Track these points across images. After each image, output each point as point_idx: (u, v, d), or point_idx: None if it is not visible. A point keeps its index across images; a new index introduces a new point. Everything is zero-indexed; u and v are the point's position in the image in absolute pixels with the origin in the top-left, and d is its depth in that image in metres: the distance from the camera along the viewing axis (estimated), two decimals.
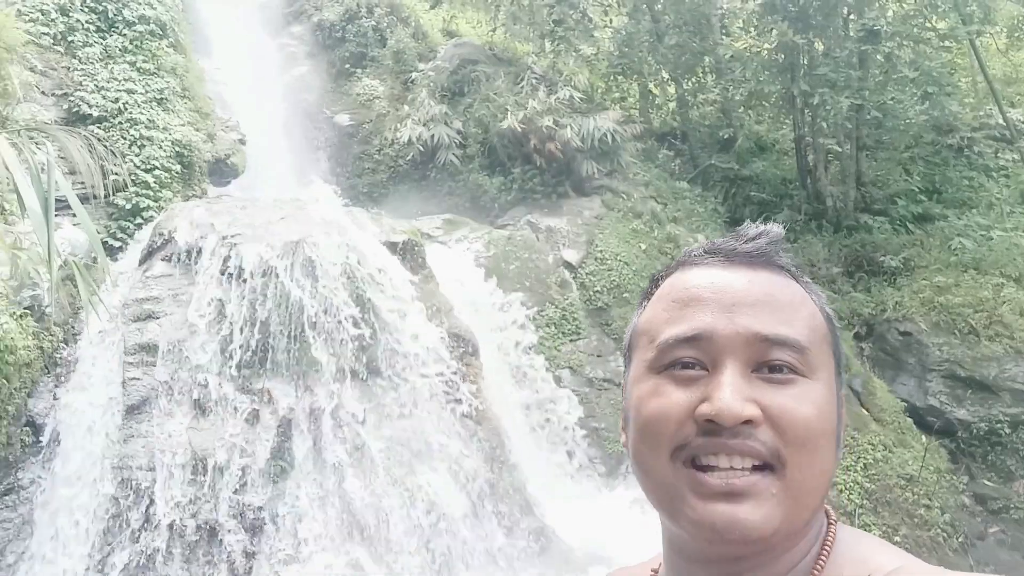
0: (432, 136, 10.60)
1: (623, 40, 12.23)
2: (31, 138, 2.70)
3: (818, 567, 0.80)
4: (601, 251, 9.80)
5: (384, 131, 11.24)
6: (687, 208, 11.25)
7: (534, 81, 10.77)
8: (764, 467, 0.77)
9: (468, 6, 14.09)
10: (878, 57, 10.45)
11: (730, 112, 12.52)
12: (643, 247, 10.10)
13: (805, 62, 10.62)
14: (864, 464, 7.83)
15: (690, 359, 0.81)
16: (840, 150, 11.10)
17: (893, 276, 10.00)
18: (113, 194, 7.56)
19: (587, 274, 9.56)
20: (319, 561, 5.60)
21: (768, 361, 0.79)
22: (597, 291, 9.41)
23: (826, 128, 10.55)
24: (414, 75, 11.54)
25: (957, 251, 9.85)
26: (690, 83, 13.06)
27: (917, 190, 10.99)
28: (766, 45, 10.30)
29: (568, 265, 9.58)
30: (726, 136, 12.28)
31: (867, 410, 8.38)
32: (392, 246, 7.29)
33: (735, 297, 0.82)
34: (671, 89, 13.40)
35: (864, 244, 10.49)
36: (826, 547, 0.82)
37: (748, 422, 0.76)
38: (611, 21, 13.23)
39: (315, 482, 5.87)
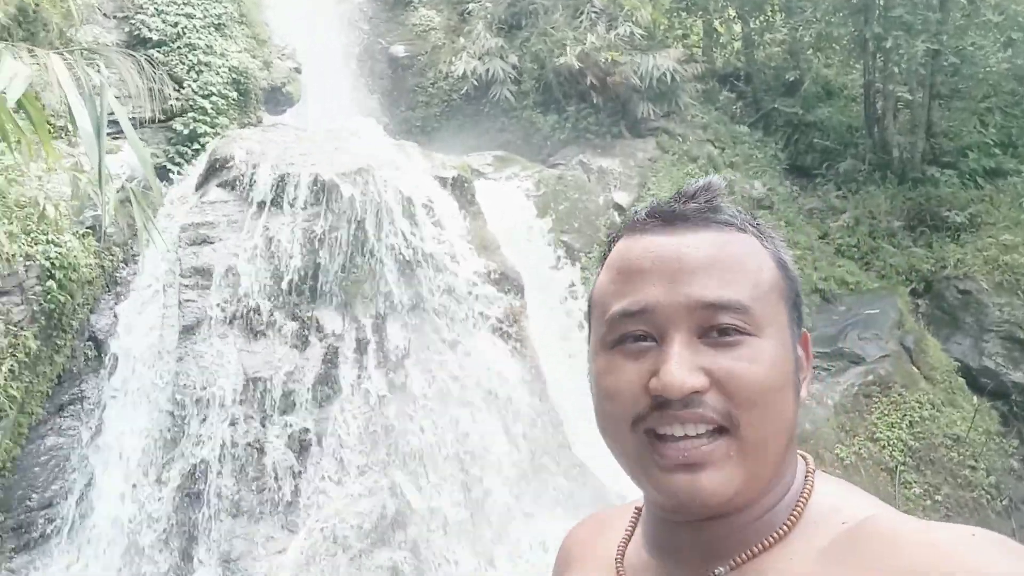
0: (487, 70, 10.43)
1: None
2: (88, 60, 2.73)
3: (793, 517, 0.81)
4: (653, 194, 9.63)
5: (439, 64, 11.09)
6: (745, 153, 10.94)
7: (594, 15, 10.45)
8: (719, 430, 0.78)
9: None
10: None
11: (798, 54, 12.01)
12: None
13: (880, 2, 10.07)
14: (910, 421, 7.71)
15: (640, 331, 0.81)
16: (911, 98, 10.59)
17: (957, 232, 9.63)
18: (171, 119, 7.68)
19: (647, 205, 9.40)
20: (361, 484, 5.81)
21: (714, 325, 0.79)
22: None
23: (898, 74, 10.06)
24: (471, 6, 11.30)
25: None
26: (757, 22, 12.53)
27: (991, 143, 10.46)
28: None
29: (618, 207, 9.45)
30: (792, 79, 11.81)
31: (917, 368, 8.21)
32: (442, 181, 7.29)
33: (676, 264, 0.81)
34: (737, 27, 12.88)
35: (929, 198, 10.10)
36: (803, 497, 0.83)
37: (697, 391, 0.77)
38: None
39: (359, 408, 6.04)
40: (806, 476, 0.86)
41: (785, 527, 0.81)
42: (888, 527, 0.74)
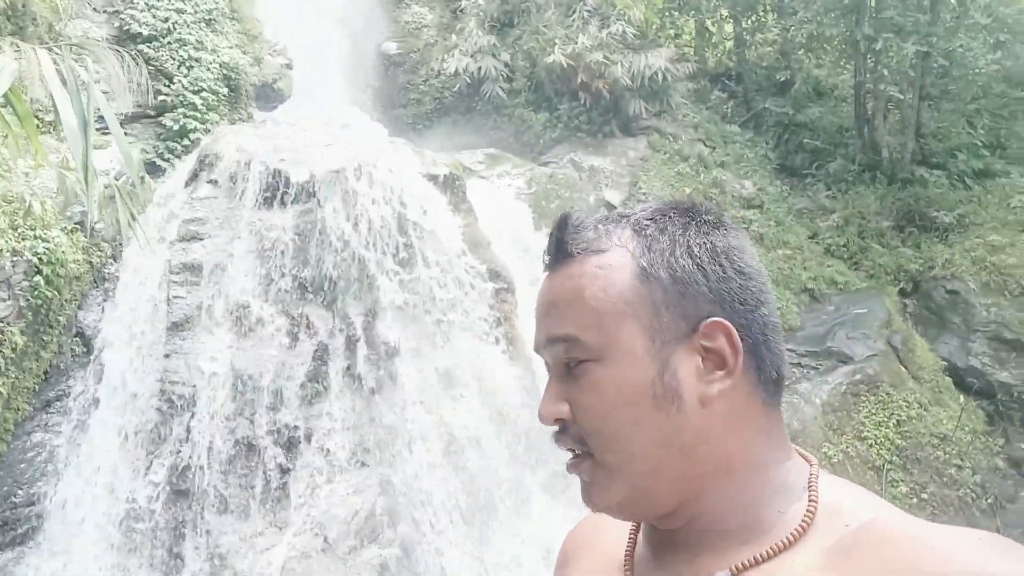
0: (479, 68, 10.43)
1: None
2: (76, 56, 2.72)
3: (805, 522, 0.80)
4: (644, 193, 9.66)
5: (431, 61, 11.08)
6: (736, 153, 10.98)
7: (586, 14, 10.46)
8: (587, 454, 0.86)
9: None
10: (950, 1, 9.91)
11: (789, 54, 12.06)
12: (688, 191, 9.93)
13: (872, 4, 10.12)
14: (897, 420, 7.76)
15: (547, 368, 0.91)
16: (901, 99, 10.64)
17: (945, 233, 9.69)
18: (161, 114, 7.64)
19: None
20: (350, 481, 5.81)
21: (565, 359, 0.87)
22: None
23: (888, 75, 10.10)
24: (463, 3, 11.28)
25: (1017, 209, 9.48)
26: (749, 21, 12.56)
27: (980, 144, 10.53)
28: None
29: (609, 206, 9.46)
30: (783, 79, 11.85)
31: (905, 367, 8.26)
32: (434, 178, 7.27)
33: (540, 307, 0.91)
34: (728, 27, 12.91)
35: (918, 198, 10.16)
36: (812, 503, 0.81)
37: (562, 419, 0.86)
38: None
39: (349, 406, 6.03)
40: (810, 479, 0.84)
41: (798, 532, 0.79)
42: (892, 529, 0.74)
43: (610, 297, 0.84)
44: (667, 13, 12.41)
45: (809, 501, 0.81)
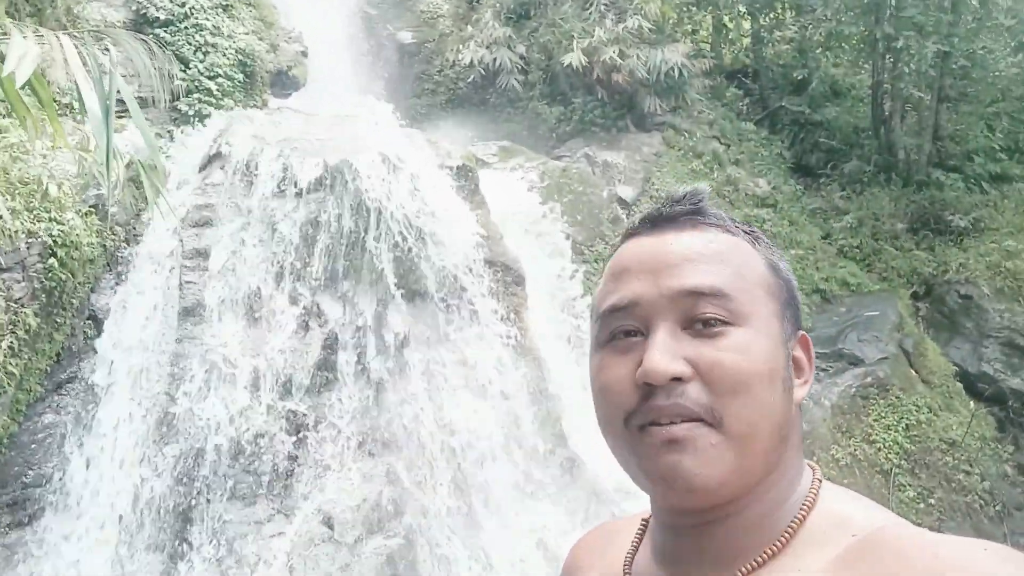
0: (494, 60, 10.39)
1: None
2: (96, 40, 2.72)
3: (795, 522, 0.81)
4: (657, 189, 9.61)
5: (446, 52, 11.05)
6: (751, 151, 10.91)
7: (603, 7, 10.39)
8: (702, 421, 0.79)
9: None
10: (972, 1, 9.80)
11: (807, 52, 11.96)
12: None
13: (892, 2, 10.02)
14: (906, 424, 7.72)
15: (628, 327, 0.84)
16: (919, 100, 10.55)
17: (960, 237, 9.62)
18: (177, 99, 7.65)
19: (641, 212, 9.42)
20: (357, 470, 5.82)
21: (697, 316, 0.81)
22: None
23: (907, 75, 10.01)
24: None
25: None
26: (767, 18, 12.48)
27: (998, 148, 10.44)
28: None
29: (622, 202, 9.43)
30: (800, 78, 11.77)
31: (916, 371, 8.21)
32: (447, 169, 7.26)
33: (659, 260, 0.85)
34: (746, 24, 12.83)
35: (933, 201, 10.08)
36: (806, 504, 0.83)
37: (679, 379, 0.79)
38: None
39: (357, 395, 6.04)
40: (812, 484, 0.86)
41: (786, 535, 0.81)
42: (898, 539, 0.74)
43: (755, 272, 0.85)
44: (684, 8, 12.33)
45: (803, 503, 0.83)
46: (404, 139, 7.33)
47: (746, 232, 0.90)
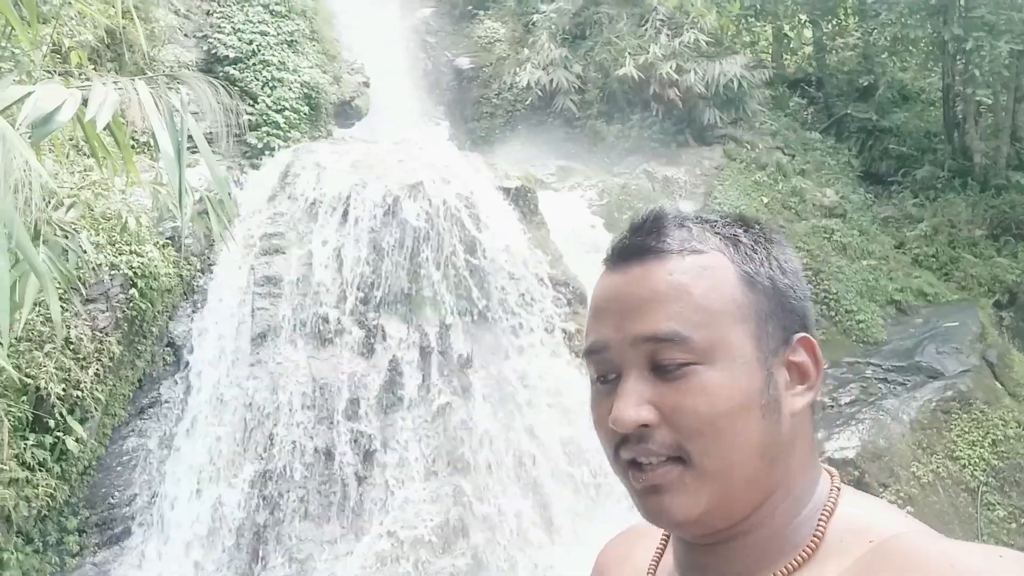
0: (551, 80, 10.48)
1: None
2: (168, 83, 2.89)
3: (817, 536, 0.81)
4: (720, 203, 9.51)
5: (503, 75, 11.20)
6: (817, 160, 10.69)
7: (658, 23, 10.39)
8: (674, 459, 0.80)
9: None
10: None
11: (872, 58, 11.67)
12: (765, 200, 9.72)
13: (961, 3, 9.70)
14: (993, 440, 7.36)
15: (604, 369, 0.85)
16: (994, 101, 10.15)
17: None
18: (246, 133, 7.97)
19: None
20: (424, 490, 5.89)
21: (659, 361, 0.81)
22: None
23: (980, 77, 9.64)
24: (536, 17, 11.38)
25: None
26: (829, 26, 12.24)
27: None
28: None
29: None
30: (866, 84, 11.49)
31: (1001, 383, 7.83)
32: (505, 191, 7.35)
33: (622, 303, 0.84)
34: (808, 32, 12.60)
35: (1014, 205, 9.65)
36: (824, 514, 0.82)
37: (645, 425, 0.80)
38: None
39: (423, 415, 6.13)
40: (830, 492, 0.84)
41: (810, 547, 0.80)
42: (913, 546, 0.74)
43: (721, 297, 0.82)
44: (743, 20, 12.20)
45: (821, 514, 0.82)
46: (463, 162, 7.46)
47: (723, 238, 0.86)
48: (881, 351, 8.12)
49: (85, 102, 2.92)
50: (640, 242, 0.85)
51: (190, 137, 3.13)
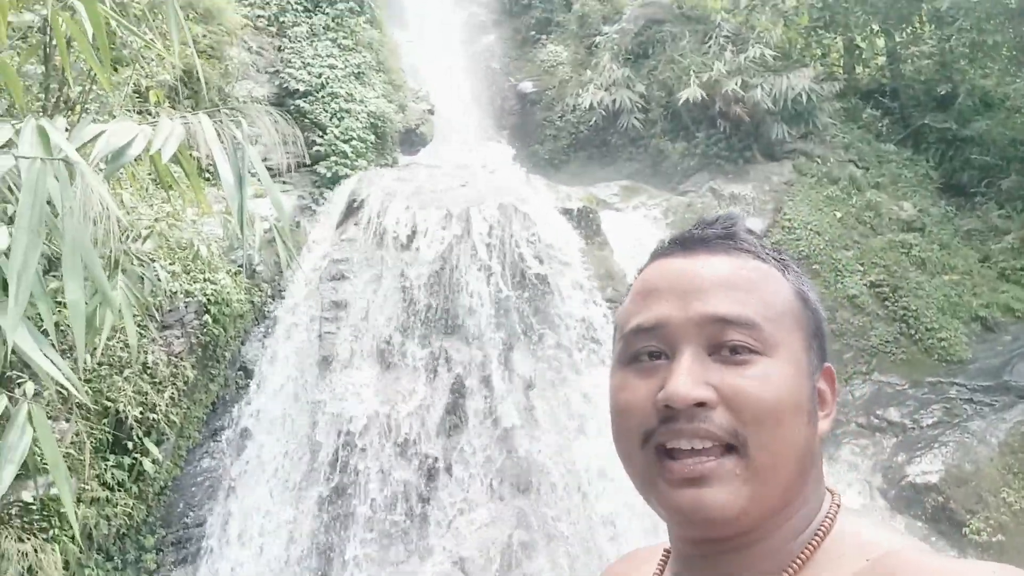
0: (614, 100, 10.48)
1: None
2: (232, 117, 3.03)
3: (810, 547, 0.80)
4: (789, 219, 9.27)
5: (566, 97, 11.26)
6: (893, 173, 10.31)
7: (722, 40, 10.27)
8: (728, 448, 0.78)
9: None
10: None
11: (950, 65, 11.23)
12: (838, 215, 9.42)
13: None
14: None
15: (653, 348, 0.83)
16: None
17: None
18: (316, 163, 8.23)
19: (773, 244, 9.05)
20: (487, 512, 5.89)
21: (724, 343, 0.80)
22: None
23: None
24: (598, 39, 11.42)
25: None
26: (903, 35, 11.84)
27: None
28: None
29: (752, 234, 9.14)
30: (944, 92, 11.04)
31: None
32: (567, 212, 7.36)
33: (689, 283, 0.84)
34: (880, 42, 12.23)
35: None
36: (821, 529, 0.82)
37: (702, 404, 0.78)
38: None
39: (486, 438, 6.14)
40: (829, 510, 0.84)
41: (800, 559, 0.80)
42: (908, 563, 0.73)
43: (785, 302, 0.85)
44: (812, 32, 11.93)
45: (818, 529, 0.82)
46: (524, 185, 7.50)
47: (776, 259, 0.88)
48: (966, 370, 7.73)
49: None
50: (713, 233, 0.88)
51: (269, 167, 3.26)
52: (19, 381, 3.75)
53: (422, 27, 11.50)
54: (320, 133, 8.38)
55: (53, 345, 2.97)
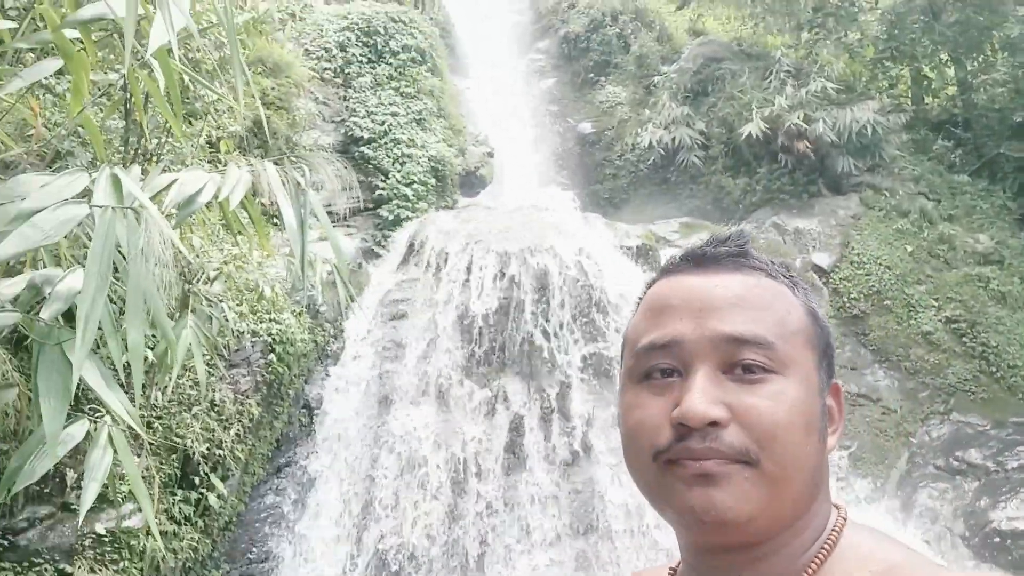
0: (673, 138, 10.47)
1: (892, 21, 11.10)
2: (296, 166, 3.18)
3: (816, 561, 0.80)
4: (858, 254, 9.02)
5: (625, 137, 11.32)
6: (967, 204, 9.95)
7: (783, 75, 10.19)
8: (737, 463, 0.78)
9: (717, 3, 13.69)
10: None
11: None
12: (909, 249, 9.13)
13: None
14: None
15: (665, 365, 0.83)
16: None
17: None
18: (379, 206, 8.47)
19: (840, 279, 8.86)
20: (547, 553, 5.82)
21: (738, 361, 0.81)
22: (853, 297, 8.68)
23: None
24: (656, 79, 11.48)
25: None
26: (975, 63, 11.50)
27: None
28: None
29: (818, 269, 8.93)
30: (1021, 120, 10.63)
31: None
32: (627, 250, 7.35)
33: (703, 301, 0.84)
34: (950, 71, 11.90)
35: None
36: (828, 542, 0.82)
37: (715, 423, 0.78)
38: (877, 2, 12.07)
39: (545, 477, 6.11)
40: (835, 523, 0.85)
41: (809, 571, 0.80)
42: (909, 574, 0.75)
43: (798, 321, 0.86)
44: (878, 64, 11.72)
45: (824, 543, 0.82)
46: (583, 224, 7.55)
47: (786, 276, 0.89)
48: None
49: None
50: (726, 251, 0.88)
51: (331, 212, 3.40)
52: (98, 415, 3.94)
53: (483, 74, 11.79)
54: (383, 178, 8.64)
55: (121, 383, 3.13)
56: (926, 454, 7.18)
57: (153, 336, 4.13)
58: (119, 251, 2.54)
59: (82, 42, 3.35)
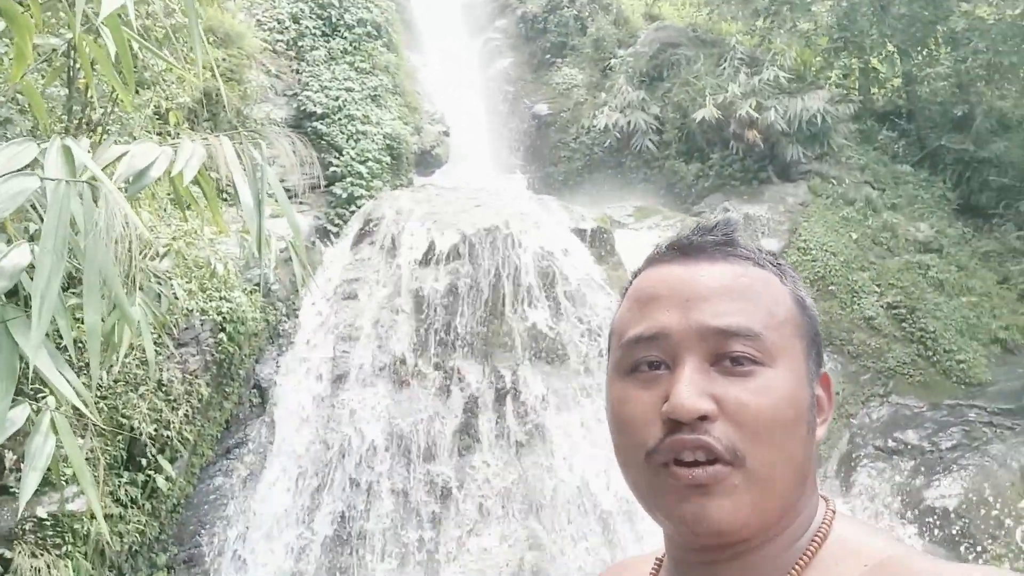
0: (628, 122, 10.54)
1: (844, 12, 11.33)
2: (252, 140, 3.09)
3: (807, 556, 0.80)
4: (805, 240, 9.24)
5: (581, 119, 11.34)
6: (909, 194, 10.28)
7: (736, 63, 10.32)
8: (723, 462, 0.77)
9: None
10: None
11: (966, 87, 11.19)
12: (854, 236, 9.38)
13: None
14: None
15: (653, 358, 0.82)
16: None
17: None
18: (332, 184, 8.32)
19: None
20: (499, 533, 5.86)
21: (726, 353, 0.79)
22: None
23: None
24: (613, 62, 11.51)
25: None
26: (919, 56, 11.83)
27: None
28: (1009, 11, 9.06)
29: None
30: (961, 114, 11.00)
31: None
32: (580, 233, 7.38)
33: (690, 292, 0.83)
34: (897, 63, 12.22)
35: None
36: (819, 534, 0.82)
37: (704, 417, 0.77)
38: None
39: (498, 458, 6.13)
40: (825, 516, 0.85)
41: (798, 567, 0.80)
42: (907, 568, 0.75)
43: (787, 310, 0.84)
44: (830, 53, 11.95)
45: (815, 536, 0.82)
46: (538, 206, 7.54)
47: (773, 264, 0.88)
48: (986, 393, 7.63)
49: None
50: (712, 240, 0.87)
51: (287, 188, 3.32)
52: (40, 396, 3.80)
53: (439, 52, 11.65)
54: (336, 155, 8.48)
55: (70, 363, 3.01)
56: (866, 435, 7.44)
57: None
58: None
59: (27, 5, 3.19)
